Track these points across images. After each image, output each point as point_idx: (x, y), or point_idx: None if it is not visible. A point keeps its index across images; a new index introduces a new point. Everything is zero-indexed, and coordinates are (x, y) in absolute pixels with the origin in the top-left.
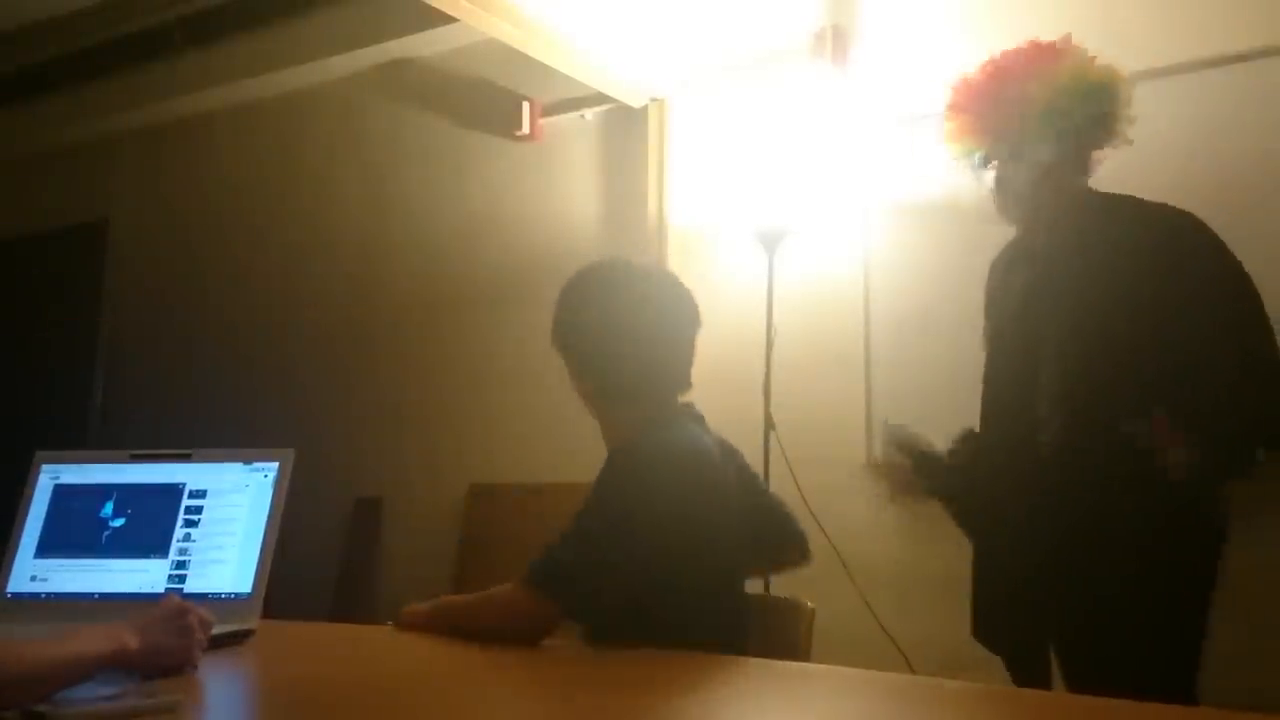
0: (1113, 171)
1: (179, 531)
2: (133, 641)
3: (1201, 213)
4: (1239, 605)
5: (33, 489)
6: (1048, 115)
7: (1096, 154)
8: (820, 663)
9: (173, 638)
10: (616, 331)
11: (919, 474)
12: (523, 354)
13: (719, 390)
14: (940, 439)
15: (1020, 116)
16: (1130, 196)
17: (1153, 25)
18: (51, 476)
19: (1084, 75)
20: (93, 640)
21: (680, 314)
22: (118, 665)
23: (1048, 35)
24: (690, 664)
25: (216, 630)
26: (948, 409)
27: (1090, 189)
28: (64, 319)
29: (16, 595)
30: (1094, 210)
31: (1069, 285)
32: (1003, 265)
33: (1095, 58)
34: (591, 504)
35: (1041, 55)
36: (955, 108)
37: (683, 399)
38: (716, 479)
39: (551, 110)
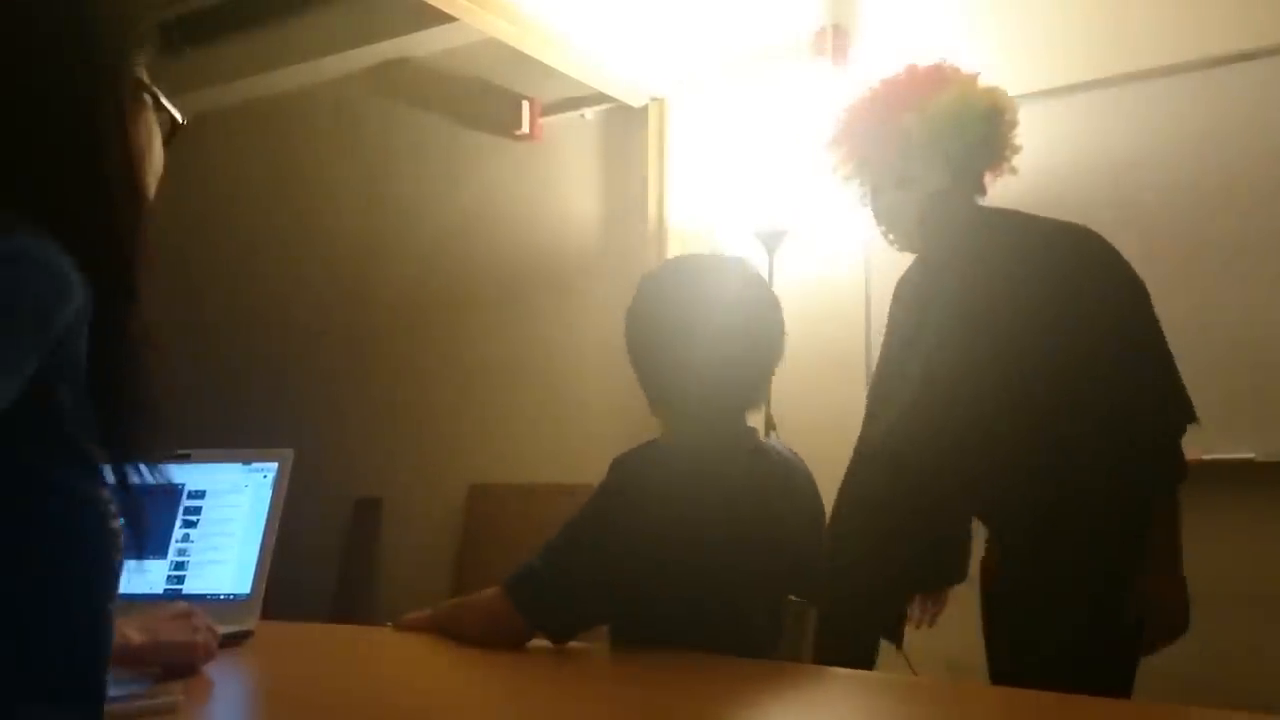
0: (1121, 172)
1: (178, 532)
2: (135, 636)
3: (1208, 211)
4: (1237, 606)
5: None
6: (931, 143)
7: (989, 176)
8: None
9: (178, 635)
10: (664, 343)
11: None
12: (522, 354)
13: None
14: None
15: (902, 145)
16: (1022, 212)
17: (1157, 24)
18: None
19: (967, 100)
20: None
21: (748, 329)
22: (118, 661)
23: (1048, 35)
24: (692, 664)
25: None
26: None
27: (983, 207)
28: None
29: None
30: (986, 226)
31: (957, 297)
32: (903, 287)
33: (978, 79)
34: (578, 516)
35: (922, 82)
36: (836, 140)
37: (750, 422)
38: (713, 507)
39: (551, 110)
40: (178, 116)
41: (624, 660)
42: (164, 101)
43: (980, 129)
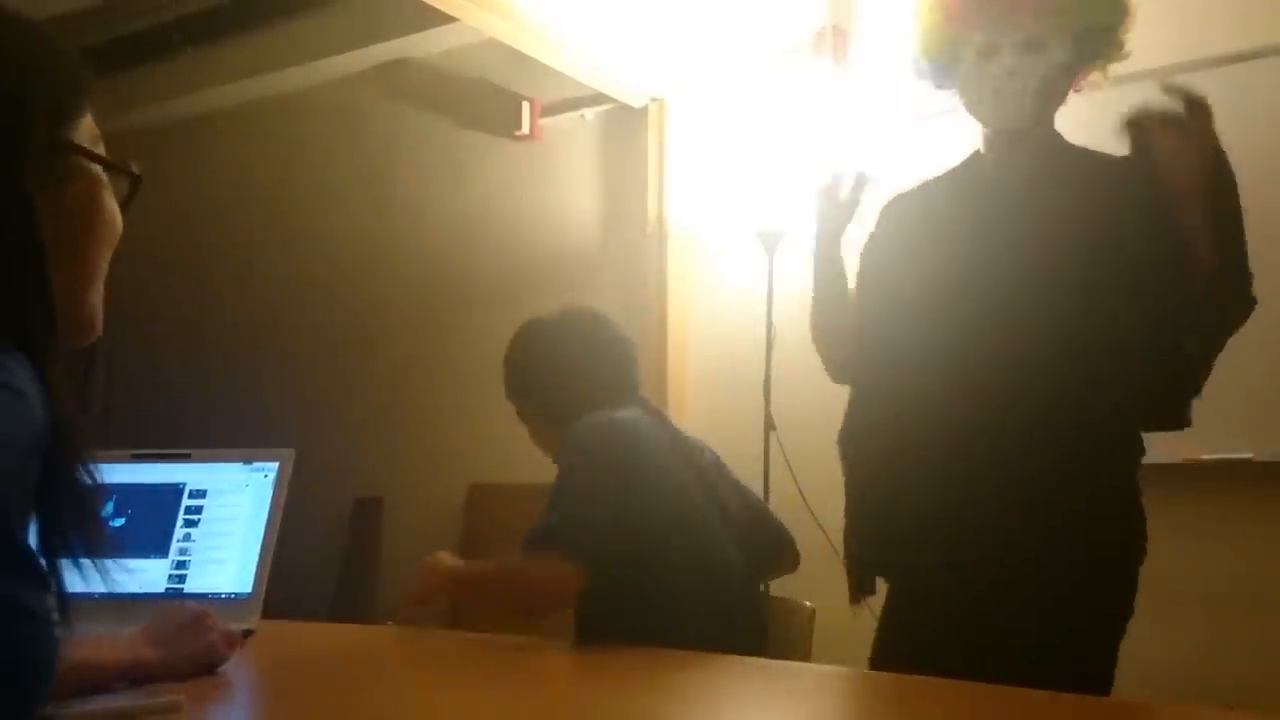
0: None
1: (179, 531)
2: (149, 653)
3: None
4: (1235, 606)
5: None
6: (1073, 9)
7: (1082, 80)
8: (820, 663)
9: (192, 645)
10: (551, 364)
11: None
12: None
13: (719, 390)
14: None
15: (1037, 4)
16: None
17: (1157, 24)
18: None
19: None
20: (109, 650)
21: (609, 338)
22: (133, 677)
23: None
24: (691, 664)
25: None
26: None
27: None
28: None
29: None
30: (1067, 150)
31: (1053, 236)
32: (922, 206)
33: None
34: (569, 475)
35: None
36: None
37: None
38: (661, 448)
39: (551, 110)
40: (134, 170)
41: (624, 660)
42: (111, 162)
43: (1116, 12)
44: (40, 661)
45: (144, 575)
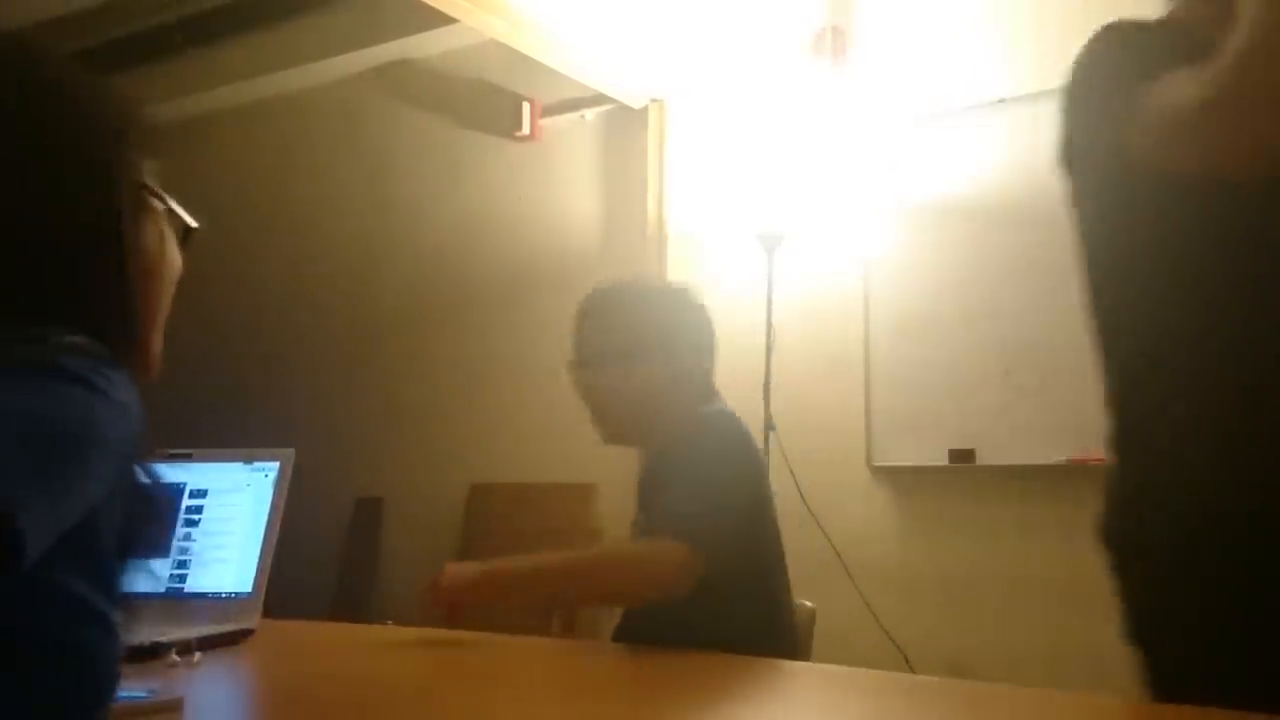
0: None
1: (180, 531)
2: None
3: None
4: None
5: None
6: None
7: None
8: (820, 663)
9: None
10: (685, 323)
11: None
12: (523, 354)
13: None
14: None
15: None
16: None
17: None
18: None
19: None
20: None
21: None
22: None
23: (1047, 37)
24: (690, 663)
25: (217, 629)
26: (947, 410)
27: None
28: None
29: None
30: None
31: None
32: None
33: None
34: (704, 465)
35: None
36: None
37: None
38: (759, 462)
39: (551, 111)
40: (189, 221)
41: (628, 659)
42: (173, 206)
43: None
44: (102, 663)
45: (145, 575)
